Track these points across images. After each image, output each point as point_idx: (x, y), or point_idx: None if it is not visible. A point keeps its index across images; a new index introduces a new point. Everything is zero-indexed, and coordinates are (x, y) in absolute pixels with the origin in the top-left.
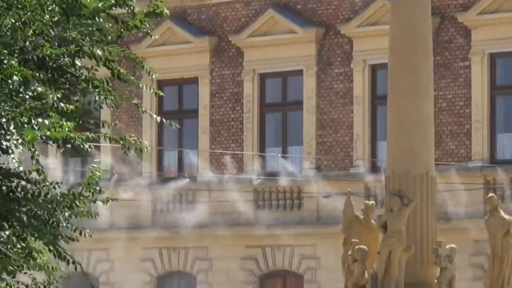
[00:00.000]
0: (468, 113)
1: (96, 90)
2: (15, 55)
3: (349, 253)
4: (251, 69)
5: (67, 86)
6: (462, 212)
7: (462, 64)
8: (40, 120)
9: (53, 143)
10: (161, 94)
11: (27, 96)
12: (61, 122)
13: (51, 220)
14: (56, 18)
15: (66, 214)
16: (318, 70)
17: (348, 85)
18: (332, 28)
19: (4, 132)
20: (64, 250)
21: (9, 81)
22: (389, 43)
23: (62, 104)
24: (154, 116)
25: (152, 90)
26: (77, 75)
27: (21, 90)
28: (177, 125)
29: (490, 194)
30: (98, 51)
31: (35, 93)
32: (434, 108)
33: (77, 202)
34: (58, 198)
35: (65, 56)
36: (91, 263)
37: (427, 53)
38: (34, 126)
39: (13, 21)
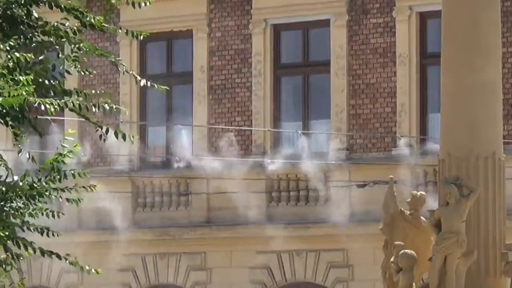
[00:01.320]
0: None
1: (62, 40)
2: None
3: (392, 259)
4: (261, 19)
5: (21, 40)
6: None
7: None
8: None
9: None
10: (144, 35)
11: None
12: (16, 77)
13: None
14: None
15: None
16: (349, 20)
17: (389, 39)
18: None
19: None
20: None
21: None
22: None
23: (17, 54)
24: (138, 77)
25: (135, 34)
26: (35, 25)
27: None
28: (166, 87)
29: None
30: None
31: None
32: (502, 70)
33: (34, 195)
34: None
35: (18, 3)
36: (53, 274)
37: None
38: None
39: None
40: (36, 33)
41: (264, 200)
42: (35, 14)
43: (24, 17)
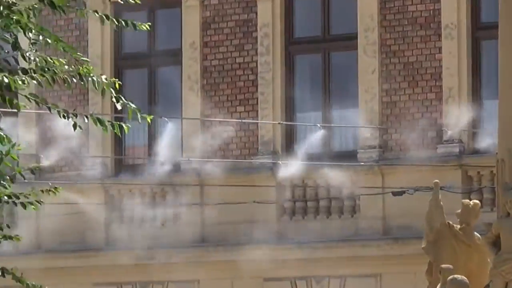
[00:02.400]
0: None
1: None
2: None
3: (438, 287)
4: None
5: None
6: None
7: None
8: None
9: None
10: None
11: None
12: None
13: None
14: None
15: None
16: None
17: (432, 6)
18: None
19: None
20: None
21: None
22: None
23: None
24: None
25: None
26: None
27: None
28: (147, 26)
29: None
30: None
31: None
32: None
33: None
34: None
35: None
36: None
37: None
38: None
39: None
40: None
41: (275, 213)
42: None
43: None
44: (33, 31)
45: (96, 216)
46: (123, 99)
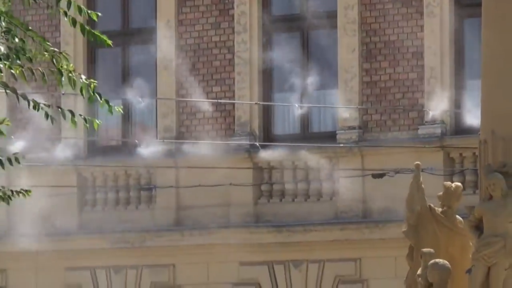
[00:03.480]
0: None
1: None
2: None
3: (419, 271)
4: None
5: None
6: None
7: None
8: None
9: None
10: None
11: None
12: None
13: None
14: None
15: None
16: None
17: None
18: None
19: None
20: None
21: None
22: None
23: None
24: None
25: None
26: None
27: None
28: (111, 43)
29: None
30: None
31: None
32: None
33: None
34: None
35: None
36: None
37: None
38: None
39: None
40: None
41: (251, 195)
42: None
43: None
44: (4, 19)
45: (68, 199)
46: (98, 97)
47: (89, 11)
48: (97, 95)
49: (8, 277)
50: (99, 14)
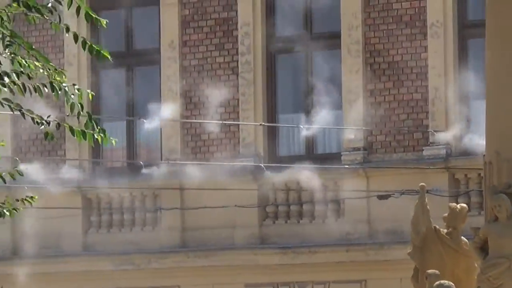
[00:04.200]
0: None
1: None
2: None
3: None
4: None
5: None
6: None
7: None
8: None
9: None
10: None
11: None
12: None
13: None
14: None
15: None
16: None
17: (418, 4)
18: None
19: None
20: None
21: None
22: None
23: None
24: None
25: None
26: None
27: None
28: (110, 58)
29: None
30: None
31: None
32: None
33: None
34: None
35: None
36: None
37: None
38: None
39: None
40: None
41: (256, 217)
42: None
43: None
44: (6, 37)
45: (73, 221)
46: (94, 125)
47: (97, 17)
48: (94, 123)
49: None
50: (106, 20)
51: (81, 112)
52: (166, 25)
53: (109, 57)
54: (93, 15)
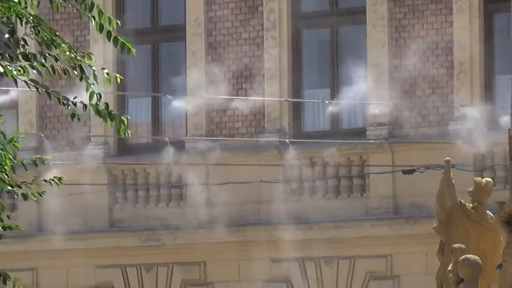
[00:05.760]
0: None
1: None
2: None
3: (450, 267)
4: None
5: None
6: None
7: None
8: None
9: None
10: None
11: None
12: None
13: None
14: None
15: None
16: None
17: None
18: None
19: None
20: None
21: None
22: None
23: None
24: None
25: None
26: None
27: None
28: (135, 52)
29: None
30: None
31: None
32: None
33: None
34: None
35: None
36: None
37: None
38: None
39: None
40: None
41: (282, 192)
42: None
43: None
44: (31, 21)
45: (99, 197)
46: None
47: (113, 18)
48: (106, 111)
49: (40, 275)
50: (118, 22)
51: (98, 103)
52: (192, 1)
53: (133, 51)
54: (124, 41)
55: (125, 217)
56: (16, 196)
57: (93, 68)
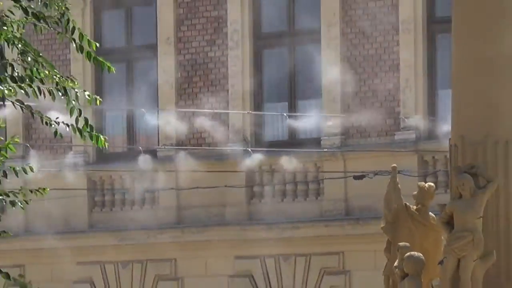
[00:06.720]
0: None
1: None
2: None
3: (396, 264)
4: None
5: None
6: None
7: None
8: None
9: None
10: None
11: None
12: None
13: None
14: None
15: None
16: None
17: (390, 2)
18: None
19: None
20: None
21: None
22: None
23: None
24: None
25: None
26: None
27: None
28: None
29: None
30: None
31: None
32: None
33: None
34: None
35: None
36: None
37: None
38: None
39: None
40: None
41: (244, 196)
42: None
43: None
44: (18, 44)
45: (79, 201)
46: (88, 129)
47: (92, 41)
48: (87, 129)
49: (26, 271)
50: (97, 44)
51: (79, 118)
52: (163, 22)
53: (113, 69)
54: (101, 61)
55: (103, 219)
56: (4, 203)
57: (75, 90)
